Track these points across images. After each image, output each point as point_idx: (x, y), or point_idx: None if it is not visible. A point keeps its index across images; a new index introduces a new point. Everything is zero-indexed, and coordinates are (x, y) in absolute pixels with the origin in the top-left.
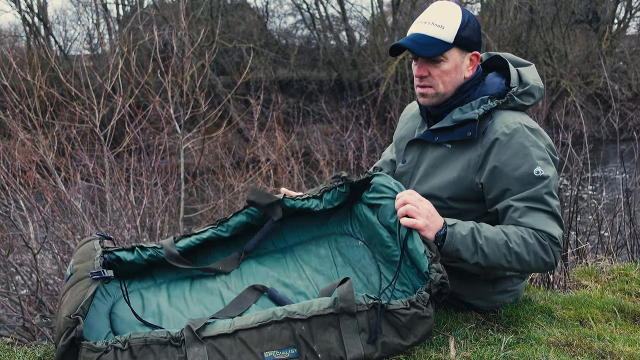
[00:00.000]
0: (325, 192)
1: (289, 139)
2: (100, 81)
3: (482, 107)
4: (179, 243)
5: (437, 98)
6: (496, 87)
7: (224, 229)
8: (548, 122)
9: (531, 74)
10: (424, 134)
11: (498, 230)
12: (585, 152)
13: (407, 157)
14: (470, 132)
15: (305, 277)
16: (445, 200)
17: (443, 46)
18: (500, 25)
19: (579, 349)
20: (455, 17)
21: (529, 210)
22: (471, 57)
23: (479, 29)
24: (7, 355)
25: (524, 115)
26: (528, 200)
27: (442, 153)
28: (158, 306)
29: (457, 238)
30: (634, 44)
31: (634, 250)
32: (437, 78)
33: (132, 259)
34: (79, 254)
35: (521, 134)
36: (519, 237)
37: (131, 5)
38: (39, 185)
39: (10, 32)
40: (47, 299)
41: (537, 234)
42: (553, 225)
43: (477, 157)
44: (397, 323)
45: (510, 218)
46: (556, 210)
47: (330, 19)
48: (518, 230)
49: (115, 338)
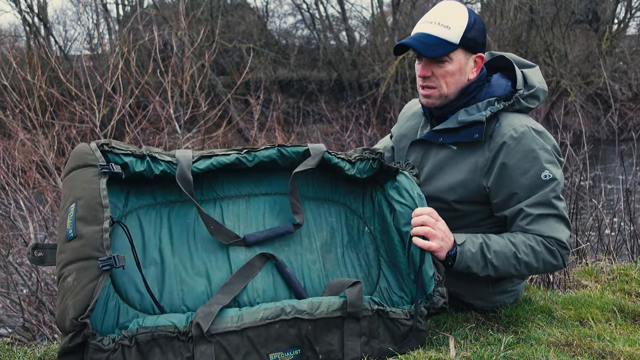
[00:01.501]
0: (359, 160)
1: (289, 139)
2: (100, 81)
3: (490, 109)
4: (199, 164)
5: (440, 100)
6: (503, 89)
7: (250, 158)
8: (548, 122)
9: (536, 76)
10: (427, 135)
11: (506, 242)
12: (585, 152)
13: (409, 157)
14: (478, 134)
15: (315, 249)
16: (450, 202)
17: (448, 47)
18: (500, 25)
19: (579, 349)
20: (461, 17)
21: (538, 218)
22: (475, 59)
23: (484, 31)
24: (7, 355)
25: (529, 118)
26: (537, 206)
27: (447, 155)
28: (160, 252)
29: (467, 256)
30: (634, 44)
31: (634, 250)
32: (440, 79)
33: (140, 170)
34: (73, 159)
35: (529, 137)
36: (527, 247)
37: (131, 5)
38: (39, 185)
39: (10, 32)
40: (47, 299)
41: (545, 240)
42: (562, 230)
43: (484, 161)
44: (396, 331)
45: (519, 225)
46: (564, 213)
47: (330, 19)
48: (526, 240)
49: (121, 334)
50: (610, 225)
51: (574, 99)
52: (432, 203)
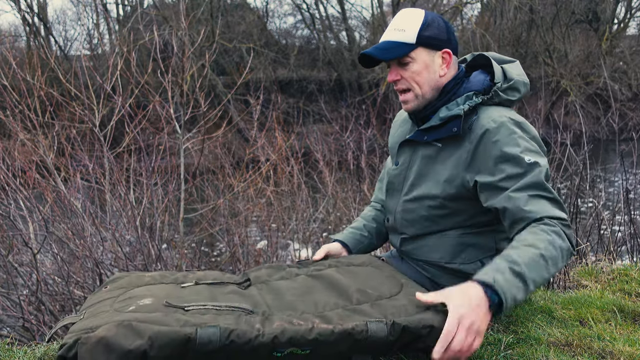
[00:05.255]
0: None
1: (289, 139)
2: (100, 81)
3: (468, 103)
4: None
5: (417, 101)
6: (481, 84)
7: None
8: (548, 122)
9: (515, 70)
10: (413, 135)
11: (527, 248)
12: (585, 152)
13: (399, 159)
14: (456, 127)
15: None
16: (440, 199)
17: (406, 47)
18: (500, 25)
19: (579, 349)
20: (416, 19)
21: (532, 198)
22: (442, 55)
23: (446, 27)
24: (7, 355)
25: (510, 110)
26: (529, 189)
27: (432, 152)
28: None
29: (506, 291)
30: (634, 44)
31: (634, 250)
32: (409, 80)
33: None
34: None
35: (507, 127)
36: (543, 241)
37: (131, 5)
38: (39, 185)
39: (10, 32)
40: (47, 299)
41: (546, 225)
42: (558, 210)
43: (466, 153)
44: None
45: (514, 208)
46: (556, 196)
47: (330, 19)
48: (534, 234)
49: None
50: (610, 225)
51: (574, 99)
52: (423, 202)
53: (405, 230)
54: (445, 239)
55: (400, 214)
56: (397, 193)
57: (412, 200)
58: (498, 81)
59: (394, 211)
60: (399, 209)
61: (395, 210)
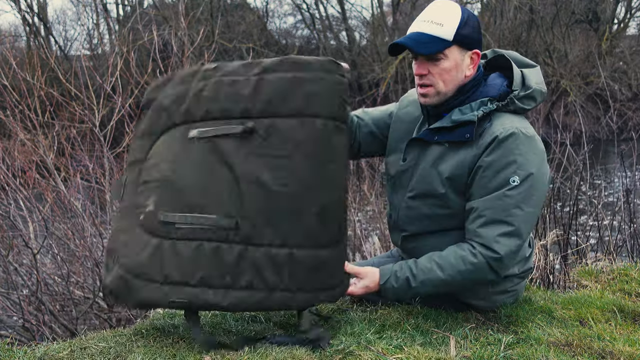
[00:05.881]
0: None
1: None
2: (100, 81)
3: (482, 109)
4: None
5: (438, 97)
6: (497, 89)
7: None
8: (548, 122)
9: (535, 77)
10: (423, 133)
11: (432, 266)
12: (585, 152)
13: (407, 156)
14: (469, 134)
15: None
16: (443, 199)
17: (442, 43)
18: (500, 25)
19: (579, 349)
20: (454, 15)
21: (485, 222)
22: (472, 56)
23: (479, 27)
24: (7, 355)
25: (523, 120)
26: (489, 210)
27: (440, 152)
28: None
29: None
30: (634, 44)
31: (634, 250)
32: (437, 76)
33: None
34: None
35: (514, 140)
36: (453, 267)
37: (131, 5)
38: (39, 185)
39: (10, 32)
40: (47, 299)
41: (477, 251)
42: (505, 243)
43: (471, 158)
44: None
45: (471, 223)
46: (519, 225)
47: (330, 19)
48: (454, 258)
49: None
50: (610, 225)
51: (574, 99)
52: (426, 200)
53: (407, 227)
54: (446, 238)
55: (404, 211)
56: (402, 190)
57: (415, 198)
58: (516, 89)
59: (398, 207)
60: (403, 205)
61: (400, 207)
